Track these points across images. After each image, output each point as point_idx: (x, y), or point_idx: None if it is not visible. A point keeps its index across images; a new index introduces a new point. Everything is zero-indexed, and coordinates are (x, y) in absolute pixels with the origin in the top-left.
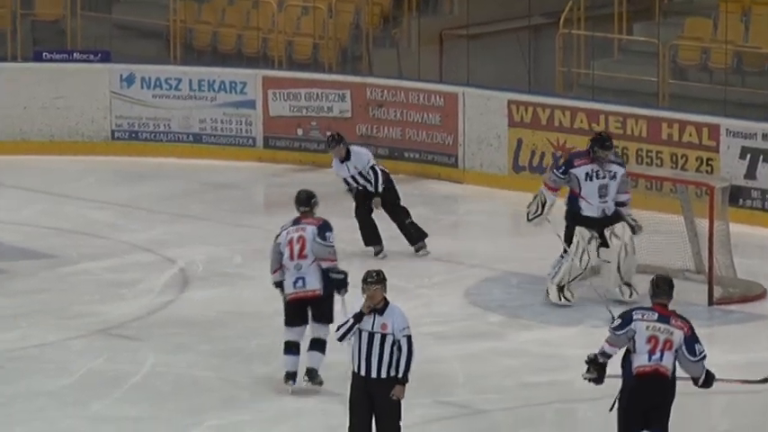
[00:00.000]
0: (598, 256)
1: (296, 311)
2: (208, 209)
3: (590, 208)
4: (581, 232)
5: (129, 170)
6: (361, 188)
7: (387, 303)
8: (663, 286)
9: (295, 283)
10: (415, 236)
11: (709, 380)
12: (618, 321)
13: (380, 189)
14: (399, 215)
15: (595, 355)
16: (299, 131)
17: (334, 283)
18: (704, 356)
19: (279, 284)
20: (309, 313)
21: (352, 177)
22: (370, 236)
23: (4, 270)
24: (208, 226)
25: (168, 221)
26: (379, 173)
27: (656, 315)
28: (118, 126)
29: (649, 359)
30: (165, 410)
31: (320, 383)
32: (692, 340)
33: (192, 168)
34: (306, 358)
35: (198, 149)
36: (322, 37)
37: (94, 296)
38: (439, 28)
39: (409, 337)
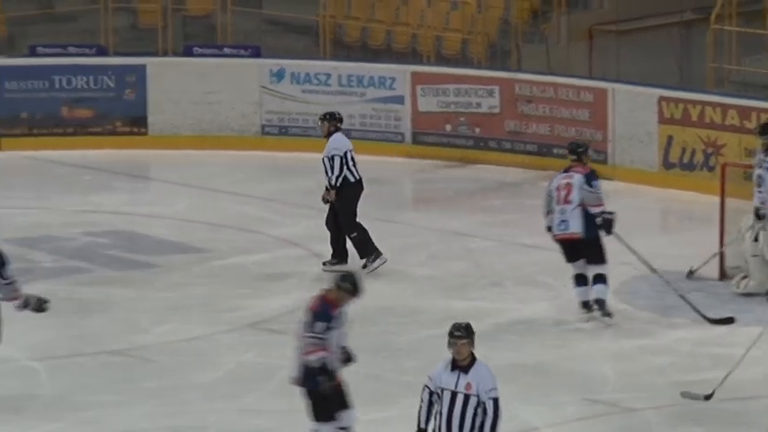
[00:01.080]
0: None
1: (567, 249)
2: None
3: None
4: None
5: (279, 165)
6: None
7: (473, 360)
8: None
9: (559, 225)
10: (364, 251)
11: None
12: None
13: (332, 182)
14: (347, 227)
15: None
16: (448, 127)
17: (602, 224)
18: None
19: (550, 228)
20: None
21: (322, 160)
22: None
23: (156, 264)
24: None
25: (316, 216)
26: (337, 166)
27: None
28: (268, 121)
29: None
30: None
31: (609, 315)
32: None
33: None
34: (592, 293)
35: None
36: (471, 32)
37: (244, 290)
38: (588, 23)
39: (496, 400)
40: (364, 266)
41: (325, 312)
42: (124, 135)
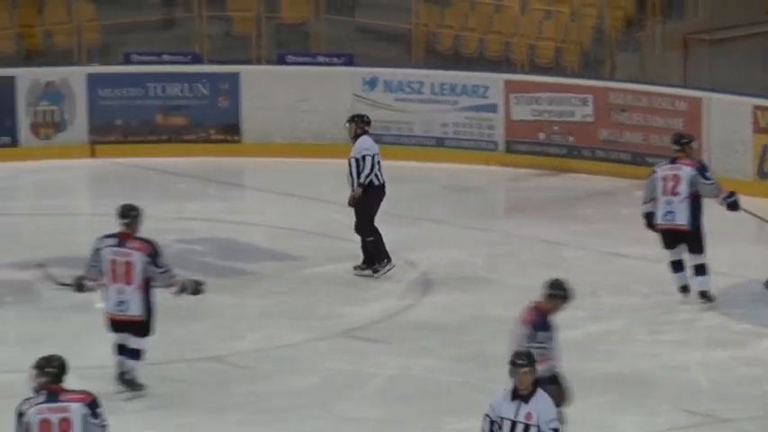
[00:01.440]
0: None
1: (668, 238)
2: (449, 212)
3: None
4: None
5: None
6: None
7: (535, 389)
8: None
9: (665, 215)
10: (377, 255)
11: None
12: None
13: (362, 180)
14: (364, 229)
15: None
16: (541, 136)
17: (730, 207)
18: None
19: (648, 215)
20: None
21: (348, 162)
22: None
23: (251, 271)
24: (449, 229)
25: (410, 225)
26: (368, 166)
27: None
28: None
29: None
30: (406, 413)
31: (710, 299)
32: None
33: (434, 172)
34: (695, 284)
35: (440, 153)
36: (564, 41)
37: (338, 298)
38: (683, 32)
39: (556, 431)
40: (375, 271)
41: (543, 322)
42: (218, 143)
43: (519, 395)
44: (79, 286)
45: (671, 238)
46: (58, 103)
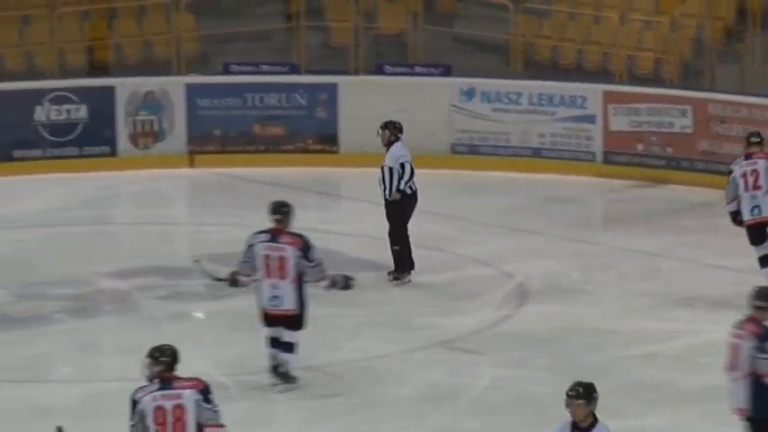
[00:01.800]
0: None
1: (755, 233)
2: (546, 223)
3: None
4: None
5: (469, 184)
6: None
7: (594, 422)
8: None
9: (752, 210)
10: (399, 265)
11: None
12: None
13: (402, 187)
14: (396, 236)
15: None
16: (639, 147)
17: None
18: None
19: (734, 214)
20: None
21: (381, 168)
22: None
23: None
24: (546, 240)
25: (506, 235)
26: (408, 172)
27: None
28: (457, 140)
29: None
30: (501, 425)
31: None
32: None
33: (531, 182)
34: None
35: (537, 164)
36: (664, 51)
37: (434, 309)
38: None
39: None
40: (395, 278)
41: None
42: (315, 153)
43: (578, 428)
44: (233, 281)
45: (758, 232)
46: (156, 112)
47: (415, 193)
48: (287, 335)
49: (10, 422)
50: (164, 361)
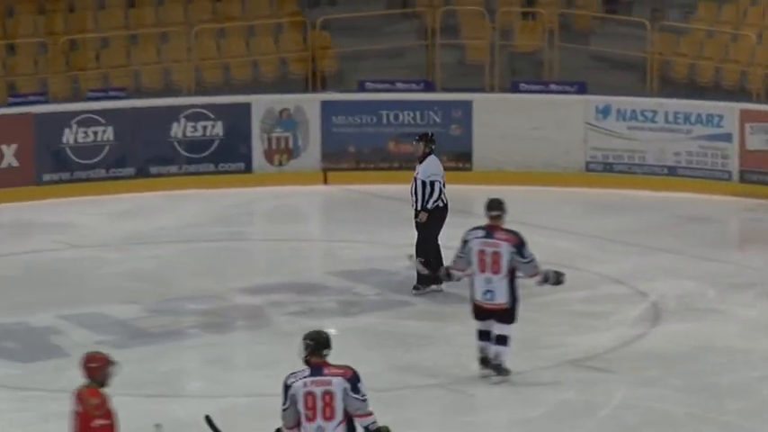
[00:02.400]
0: None
1: None
2: (680, 242)
3: None
4: None
5: (602, 202)
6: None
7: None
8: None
9: None
10: (421, 277)
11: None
12: None
13: (429, 206)
14: (422, 248)
15: None
16: None
17: None
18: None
19: None
20: None
21: (414, 180)
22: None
23: None
24: (680, 259)
25: (640, 254)
26: (437, 191)
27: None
28: (592, 157)
29: None
30: None
31: None
32: None
33: (666, 201)
34: None
35: (672, 182)
36: None
37: (566, 327)
38: None
39: None
40: (416, 288)
41: None
42: (449, 170)
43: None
44: (447, 275)
45: None
46: (291, 129)
47: (446, 206)
48: (499, 328)
49: None
50: (308, 344)
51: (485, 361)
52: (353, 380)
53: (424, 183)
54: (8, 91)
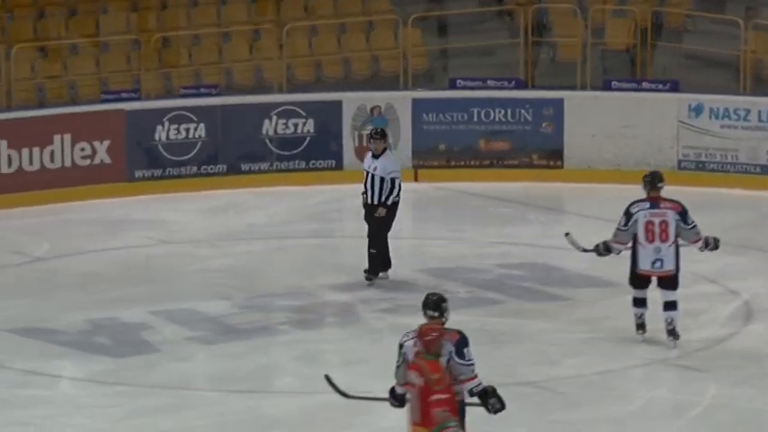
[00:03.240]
0: None
1: None
2: None
3: None
4: None
5: (694, 200)
6: (364, 195)
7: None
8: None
9: None
10: (372, 267)
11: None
12: None
13: (388, 202)
14: (375, 240)
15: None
16: None
17: None
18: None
19: None
20: None
21: (370, 175)
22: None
23: (568, 297)
24: None
25: (733, 252)
26: (396, 188)
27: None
28: (684, 156)
29: None
30: None
31: None
32: None
33: (759, 200)
34: None
35: (765, 181)
36: None
37: (658, 325)
38: None
39: None
40: (368, 278)
41: None
42: (540, 168)
43: None
44: (606, 249)
45: None
46: (382, 127)
47: (397, 204)
48: (668, 294)
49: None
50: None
51: (641, 326)
52: (460, 344)
53: (383, 179)
54: (101, 88)
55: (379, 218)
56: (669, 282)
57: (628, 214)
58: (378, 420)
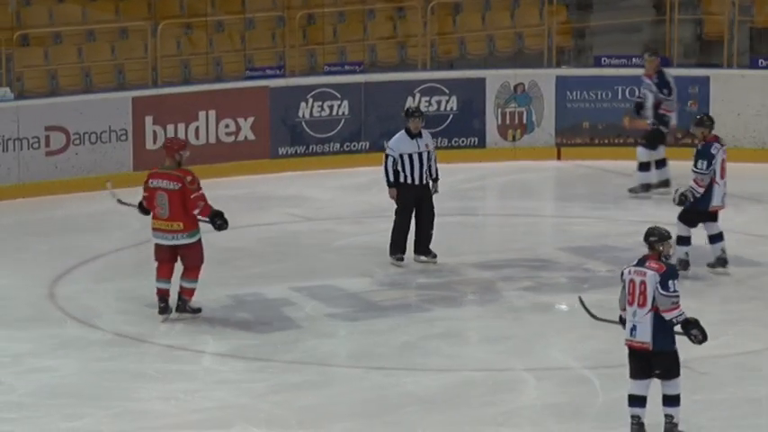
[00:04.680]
0: None
1: None
2: None
3: None
4: None
5: None
6: (404, 177)
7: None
8: None
9: None
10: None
11: None
12: None
13: (439, 177)
14: (432, 220)
15: None
16: None
17: None
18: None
19: None
20: None
21: (416, 155)
22: (400, 243)
23: (710, 276)
24: None
25: None
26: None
27: None
28: None
29: None
30: None
31: None
32: None
33: None
34: None
35: None
36: None
37: None
38: None
39: None
40: (434, 256)
41: None
42: (686, 147)
43: None
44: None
45: None
46: (526, 105)
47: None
48: (714, 227)
49: (380, 409)
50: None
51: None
52: (666, 275)
53: (430, 154)
54: (245, 65)
55: (435, 195)
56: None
57: (709, 156)
58: (517, 398)
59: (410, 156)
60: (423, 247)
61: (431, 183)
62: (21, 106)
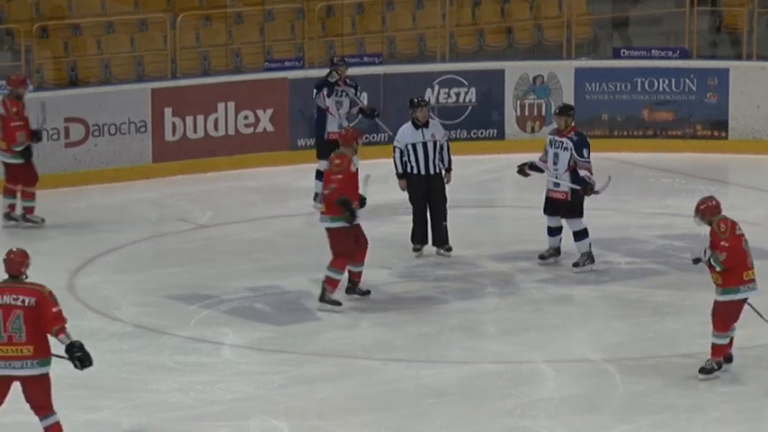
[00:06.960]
0: None
1: None
2: None
3: None
4: None
5: None
6: (411, 168)
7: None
8: None
9: None
10: (445, 238)
11: None
12: None
13: (452, 167)
14: (442, 211)
15: None
16: None
17: None
18: None
19: None
20: None
21: (422, 145)
22: (418, 233)
23: None
24: None
25: None
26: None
27: None
28: None
29: None
30: None
31: None
32: None
33: None
34: None
35: None
36: None
37: None
38: None
39: None
40: (449, 248)
41: None
42: (704, 139)
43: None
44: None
45: None
46: (545, 96)
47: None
48: None
49: (398, 401)
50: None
51: None
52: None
53: (441, 144)
54: (264, 56)
55: (447, 185)
56: None
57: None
58: (536, 390)
59: (414, 146)
60: (437, 239)
61: (443, 172)
62: (40, 98)
